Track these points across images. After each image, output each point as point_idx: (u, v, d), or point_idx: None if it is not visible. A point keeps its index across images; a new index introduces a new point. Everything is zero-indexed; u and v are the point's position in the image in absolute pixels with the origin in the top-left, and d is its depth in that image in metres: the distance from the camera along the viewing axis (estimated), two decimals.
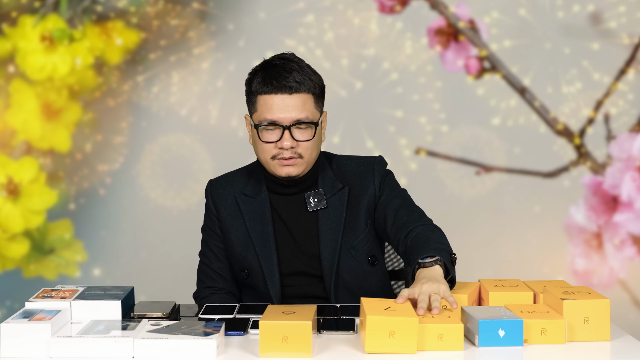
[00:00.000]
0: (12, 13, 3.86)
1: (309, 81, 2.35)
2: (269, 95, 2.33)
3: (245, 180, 2.50)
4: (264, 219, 2.43)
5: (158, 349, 1.85)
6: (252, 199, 2.46)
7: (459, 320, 1.94)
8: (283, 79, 2.32)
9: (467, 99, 3.89)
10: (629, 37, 3.88)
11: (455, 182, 3.92)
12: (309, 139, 2.35)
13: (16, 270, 3.92)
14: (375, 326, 1.87)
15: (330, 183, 2.44)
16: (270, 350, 1.88)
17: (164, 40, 3.88)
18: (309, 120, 2.34)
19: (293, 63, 2.36)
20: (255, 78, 2.37)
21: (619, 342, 1.99)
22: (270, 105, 2.33)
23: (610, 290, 3.87)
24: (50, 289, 2.14)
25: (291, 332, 1.87)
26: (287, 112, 2.32)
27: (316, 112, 2.37)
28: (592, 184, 3.89)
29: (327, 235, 2.41)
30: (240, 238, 2.46)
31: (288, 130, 2.32)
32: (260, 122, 2.34)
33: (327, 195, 2.42)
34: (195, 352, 1.85)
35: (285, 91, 2.32)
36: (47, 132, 3.89)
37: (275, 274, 2.41)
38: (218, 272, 2.52)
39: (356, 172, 2.47)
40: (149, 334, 1.89)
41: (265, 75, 2.35)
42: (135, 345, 1.85)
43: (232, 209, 2.48)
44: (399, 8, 3.87)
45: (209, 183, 2.55)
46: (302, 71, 2.35)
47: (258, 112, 2.36)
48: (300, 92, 2.33)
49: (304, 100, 2.34)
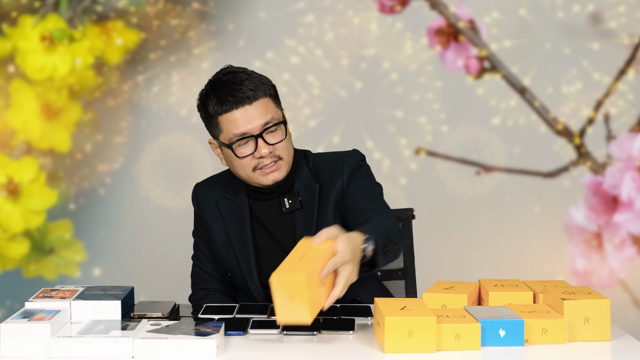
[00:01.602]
0: (12, 13, 3.86)
1: (261, 85, 2.33)
2: (230, 112, 2.31)
3: (226, 184, 2.50)
4: (243, 221, 2.44)
5: (158, 349, 1.85)
6: (231, 202, 2.47)
7: (475, 320, 1.94)
8: (237, 91, 2.30)
9: (467, 99, 3.89)
10: (629, 37, 3.88)
11: (455, 182, 3.92)
12: (283, 139, 2.34)
13: (16, 270, 3.92)
14: (393, 326, 1.88)
15: (305, 182, 2.43)
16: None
17: (164, 40, 3.88)
18: (276, 120, 2.33)
19: (239, 74, 2.34)
20: (208, 101, 2.34)
21: (619, 342, 1.99)
22: (235, 121, 2.31)
23: (610, 290, 3.87)
24: (50, 289, 2.14)
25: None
26: (253, 122, 2.30)
27: (279, 111, 2.37)
28: (592, 184, 3.89)
29: (302, 234, 2.40)
30: (221, 240, 2.47)
31: (260, 138, 2.31)
32: (230, 140, 2.32)
33: (301, 195, 2.42)
34: (195, 352, 1.85)
35: (244, 102, 2.30)
36: (47, 132, 3.89)
37: (253, 274, 2.42)
38: (211, 273, 2.53)
39: (328, 168, 2.45)
40: (148, 334, 1.89)
41: (219, 94, 2.32)
42: (135, 345, 1.85)
43: (213, 211, 2.49)
44: (399, 8, 3.87)
45: (195, 187, 2.57)
46: (251, 78, 2.33)
47: (224, 131, 2.33)
48: (258, 98, 2.31)
49: (265, 104, 2.32)
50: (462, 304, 2.07)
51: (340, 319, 2.13)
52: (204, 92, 2.38)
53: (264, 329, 2.05)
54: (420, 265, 2.71)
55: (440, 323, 1.90)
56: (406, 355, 1.87)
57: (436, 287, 2.17)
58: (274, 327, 2.05)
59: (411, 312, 1.92)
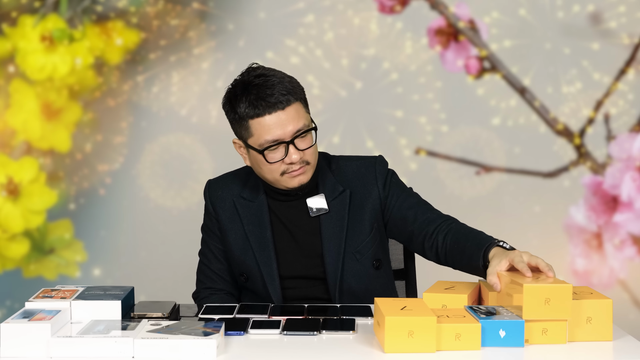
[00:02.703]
0: (12, 13, 3.86)
1: (292, 89, 2.30)
2: (262, 117, 2.28)
3: (242, 183, 2.48)
4: (263, 223, 2.42)
5: (158, 349, 1.85)
6: (250, 202, 2.44)
7: (476, 320, 1.94)
8: (270, 96, 2.27)
9: (467, 99, 3.89)
10: (629, 37, 3.88)
11: (455, 182, 3.92)
12: (312, 145, 2.33)
13: (16, 270, 3.92)
14: (394, 326, 1.88)
15: (331, 186, 2.42)
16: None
17: (164, 40, 3.88)
18: (307, 127, 2.32)
19: (271, 77, 2.30)
20: (239, 102, 2.30)
21: (619, 342, 1.99)
22: (267, 126, 2.28)
23: (610, 290, 3.87)
24: (50, 289, 2.14)
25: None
26: (285, 128, 2.28)
27: (308, 115, 2.34)
28: (592, 184, 3.89)
29: (330, 239, 2.40)
30: (238, 242, 2.44)
31: (292, 144, 2.29)
32: (261, 145, 2.30)
33: (328, 199, 2.41)
34: (195, 352, 1.84)
35: (277, 108, 2.27)
36: (47, 132, 3.89)
37: (275, 278, 2.41)
38: (217, 273, 2.51)
39: (357, 174, 2.44)
40: (149, 334, 1.89)
41: (250, 97, 2.28)
42: (135, 345, 1.85)
43: (230, 212, 2.46)
44: (399, 8, 3.87)
45: (208, 184, 2.53)
46: (282, 82, 2.30)
47: (255, 136, 2.30)
48: (290, 103, 2.28)
49: (297, 109, 2.30)
50: (462, 304, 2.07)
51: (341, 319, 2.13)
52: (232, 91, 2.33)
53: (264, 329, 2.05)
54: (421, 265, 2.71)
55: (441, 323, 1.90)
56: (406, 355, 1.87)
57: (436, 287, 2.17)
58: (274, 327, 2.05)
59: (411, 312, 1.92)
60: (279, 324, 2.07)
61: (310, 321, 2.09)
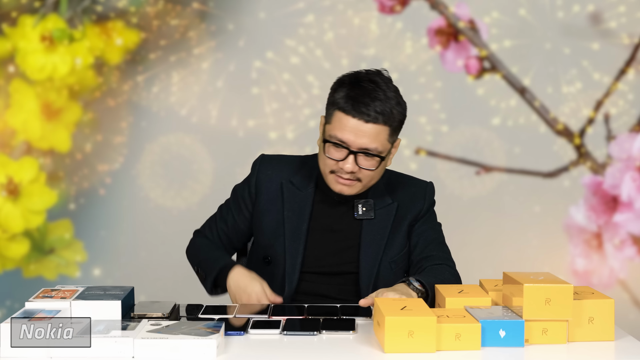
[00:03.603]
0: (12, 13, 3.86)
1: (389, 114, 2.29)
2: (346, 116, 2.28)
3: (295, 169, 2.48)
4: (303, 214, 2.43)
5: (158, 349, 1.85)
6: (297, 190, 2.44)
7: (475, 320, 1.94)
8: (364, 105, 2.27)
9: (467, 99, 3.89)
10: (629, 37, 3.88)
11: (455, 182, 3.92)
12: (371, 169, 2.33)
13: (16, 270, 3.92)
14: (394, 326, 1.88)
15: (380, 195, 2.44)
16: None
17: (164, 40, 3.88)
18: (377, 151, 2.31)
19: (380, 91, 2.29)
20: (340, 90, 2.32)
21: (619, 342, 1.99)
22: (343, 126, 2.28)
23: (610, 290, 3.87)
24: (50, 289, 2.14)
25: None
26: (358, 138, 2.28)
27: (387, 144, 2.32)
28: (592, 184, 3.89)
29: (369, 246, 2.42)
30: (272, 225, 2.45)
31: (354, 155, 2.30)
32: (329, 137, 2.31)
33: (376, 207, 2.42)
34: (195, 352, 1.85)
35: (362, 117, 2.27)
36: (47, 132, 3.89)
37: (296, 272, 2.42)
38: (219, 233, 2.54)
39: (408, 192, 2.47)
40: (149, 334, 1.89)
41: (350, 94, 2.29)
42: (135, 345, 1.85)
43: (274, 194, 2.46)
44: (399, 8, 3.87)
45: (261, 158, 2.52)
46: (387, 102, 2.29)
47: (331, 125, 2.32)
48: (377, 123, 2.28)
49: (379, 131, 2.29)
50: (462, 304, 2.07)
51: (341, 319, 2.13)
52: (344, 78, 2.35)
53: (264, 329, 2.05)
54: None
55: (441, 323, 1.90)
56: (406, 355, 1.87)
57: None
58: (274, 327, 2.05)
59: (411, 312, 1.92)
60: (279, 324, 2.07)
61: (310, 321, 2.10)
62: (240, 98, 3.90)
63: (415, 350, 1.88)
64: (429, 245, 2.45)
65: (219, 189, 3.83)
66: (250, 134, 3.89)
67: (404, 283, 2.22)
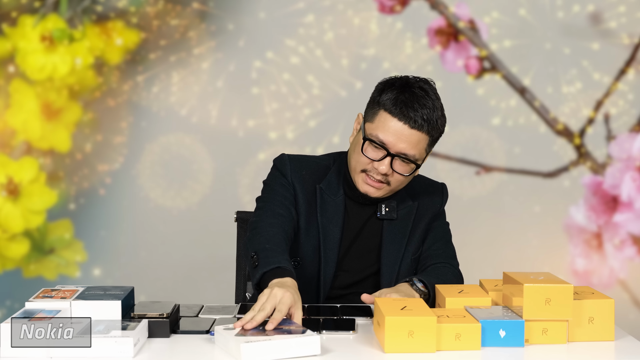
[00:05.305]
0: (12, 13, 3.86)
1: (434, 124, 2.31)
2: (392, 118, 2.29)
3: (322, 174, 2.46)
4: (337, 222, 2.42)
5: (265, 350, 1.84)
6: (330, 197, 2.43)
7: (476, 320, 1.94)
8: (412, 110, 2.28)
9: (467, 99, 3.89)
10: (629, 37, 3.88)
11: (455, 182, 3.92)
12: (404, 175, 2.34)
13: (16, 270, 3.92)
14: (394, 326, 1.88)
15: (401, 197, 2.45)
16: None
17: (164, 40, 3.88)
18: (415, 158, 2.32)
19: (429, 99, 2.31)
20: (388, 90, 2.32)
21: (619, 342, 1.99)
22: (388, 127, 2.29)
23: (610, 290, 3.87)
24: (50, 289, 2.14)
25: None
26: (399, 142, 2.29)
27: (424, 153, 2.35)
28: (592, 184, 3.89)
29: (391, 244, 2.43)
30: (308, 228, 2.42)
31: (391, 158, 2.30)
32: (370, 135, 2.32)
33: (399, 207, 2.44)
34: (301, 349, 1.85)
35: (407, 122, 2.28)
36: (47, 132, 3.89)
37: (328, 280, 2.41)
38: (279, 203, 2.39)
39: (426, 192, 2.50)
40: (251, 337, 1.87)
41: (399, 96, 2.30)
42: (242, 349, 1.81)
43: (310, 195, 2.43)
44: (399, 8, 3.87)
45: (289, 158, 2.46)
46: (434, 111, 2.31)
47: (374, 124, 2.32)
48: (421, 130, 2.29)
49: (420, 139, 2.30)
50: (462, 304, 2.07)
51: (341, 319, 2.13)
52: (392, 80, 2.35)
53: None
54: None
55: (441, 323, 1.90)
56: (406, 355, 1.87)
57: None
58: None
59: (411, 312, 1.92)
60: None
61: (310, 321, 2.09)
62: (240, 98, 3.90)
63: (415, 350, 1.88)
64: (435, 242, 2.47)
65: (219, 189, 3.83)
66: (250, 134, 3.90)
67: (407, 283, 2.23)
